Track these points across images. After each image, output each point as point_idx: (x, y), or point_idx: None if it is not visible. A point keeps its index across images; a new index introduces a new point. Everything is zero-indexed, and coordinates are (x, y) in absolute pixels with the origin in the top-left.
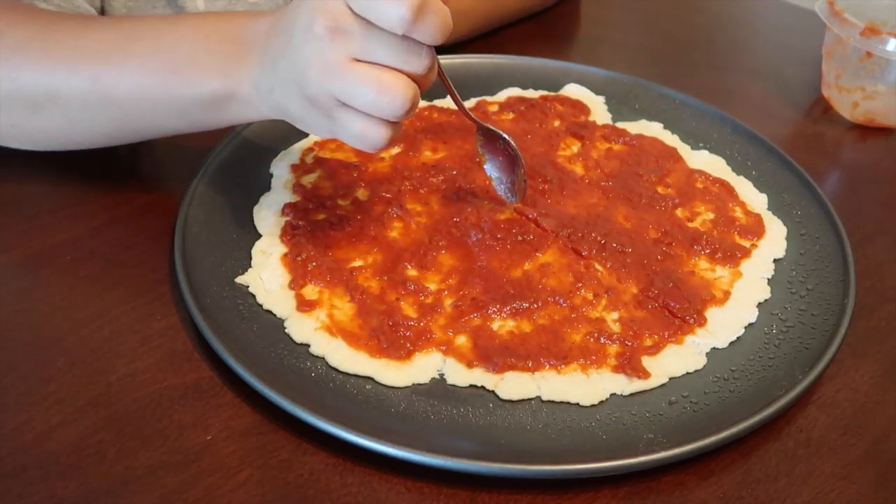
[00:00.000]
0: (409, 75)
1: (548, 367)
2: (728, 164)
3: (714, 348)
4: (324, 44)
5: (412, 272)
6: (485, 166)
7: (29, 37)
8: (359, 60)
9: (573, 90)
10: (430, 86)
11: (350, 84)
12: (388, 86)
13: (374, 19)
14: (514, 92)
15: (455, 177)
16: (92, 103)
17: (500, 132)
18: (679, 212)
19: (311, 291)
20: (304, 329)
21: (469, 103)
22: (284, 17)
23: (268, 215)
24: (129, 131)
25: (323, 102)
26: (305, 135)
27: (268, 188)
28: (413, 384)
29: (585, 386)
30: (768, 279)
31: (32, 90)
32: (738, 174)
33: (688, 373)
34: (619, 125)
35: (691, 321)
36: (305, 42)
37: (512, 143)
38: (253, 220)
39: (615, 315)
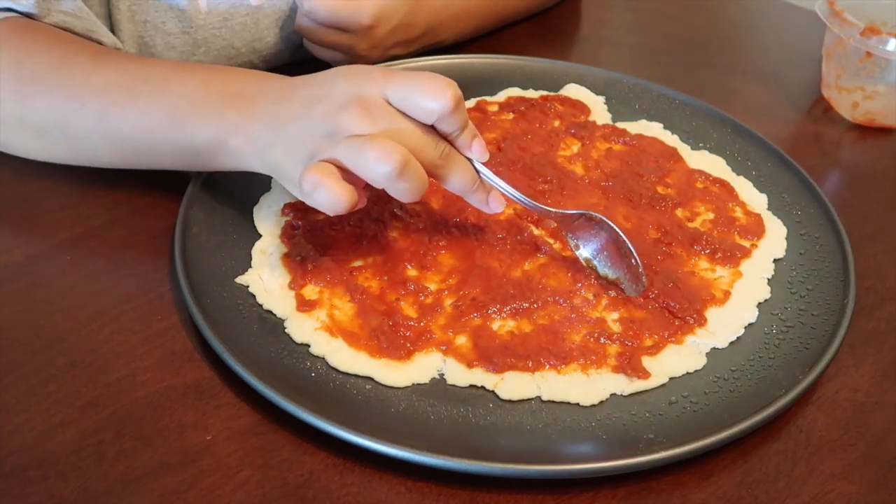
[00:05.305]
0: (423, 162)
1: (548, 367)
2: (728, 164)
3: (714, 348)
4: (352, 121)
5: (412, 272)
6: (588, 258)
7: (45, 67)
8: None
9: (573, 90)
10: (447, 180)
11: (357, 142)
12: (389, 150)
13: (411, 112)
14: (514, 92)
15: None
16: (95, 136)
17: (585, 212)
18: (679, 212)
19: (311, 291)
20: (304, 329)
21: (469, 103)
22: (304, 88)
23: (268, 215)
24: (127, 164)
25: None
26: None
27: (268, 188)
28: (413, 384)
29: (585, 386)
30: (768, 279)
31: (42, 118)
32: (738, 174)
33: (688, 373)
34: (619, 125)
35: (691, 321)
36: (332, 115)
37: (608, 221)
38: (253, 220)
39: (615, 315)
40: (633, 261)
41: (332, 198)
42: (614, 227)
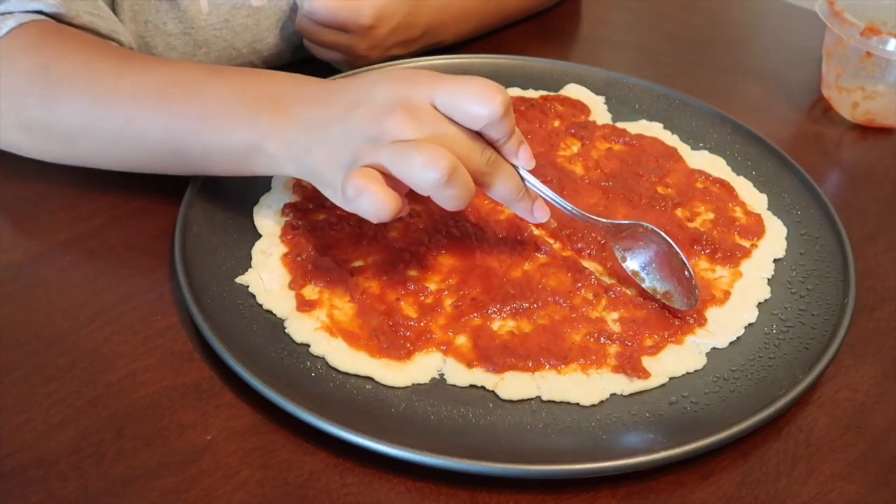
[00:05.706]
0: (469, 169)
1: (548, 367)
2: (728, 164)
3: (714, 348)
4: (397, 125)
5: (412, 272)
6: (636, 270)
7: (72, 72)
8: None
9: (573, 90)
10: (492, 187)
11: (403, 147)
12: (436, 156)
13: (458, 118)
14: (514, 92)
15: None
16: (123, 142)
17: (635, 222)
18: (679, 212)
19: (311, 291)
20: (304, 329)
21: None
22: (343, 92)
23: (268, 215)
24: (154, 169)
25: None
26: None
27: (268, 188)
28: (413, 384)
29: (585, 386)
30: (768, 279)
31: (69, 124)
32: (738, 174)
33: (688, 373)
34: (619, 125)
35: (691, 321)
36: (375, 120)
37: (659, 232)
38: (253, 220)
39: (615, 315)
40: (685, 273)
41: (376, 204)
42: (667, 238)
